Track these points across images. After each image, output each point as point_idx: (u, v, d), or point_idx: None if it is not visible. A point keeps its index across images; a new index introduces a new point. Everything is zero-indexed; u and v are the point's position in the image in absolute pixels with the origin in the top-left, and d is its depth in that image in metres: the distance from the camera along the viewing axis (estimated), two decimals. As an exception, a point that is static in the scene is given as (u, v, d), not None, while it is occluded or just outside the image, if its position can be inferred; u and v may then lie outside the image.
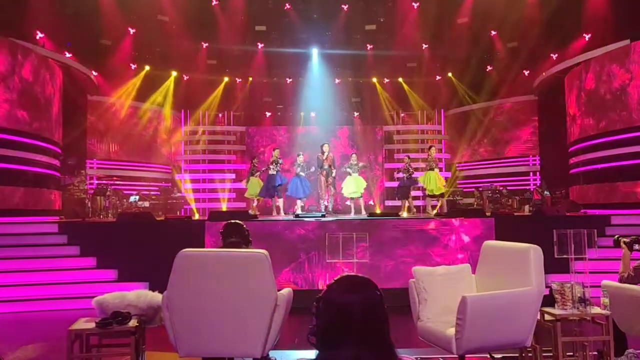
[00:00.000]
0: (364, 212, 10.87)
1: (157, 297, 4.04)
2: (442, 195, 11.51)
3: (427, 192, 11.41)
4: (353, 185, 11.04)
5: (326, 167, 10.99)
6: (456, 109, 17.07)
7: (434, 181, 11.10)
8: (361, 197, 11.14)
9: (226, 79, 16.49)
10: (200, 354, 3.69)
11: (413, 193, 11.90)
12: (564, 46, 13.11)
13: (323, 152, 11.09)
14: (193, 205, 15.10)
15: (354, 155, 11.62)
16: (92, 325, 3.79)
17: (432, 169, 11.15)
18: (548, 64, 13.86)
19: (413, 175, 11.55)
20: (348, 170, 11.21)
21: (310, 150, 13.08)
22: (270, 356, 4.09)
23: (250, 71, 16.05)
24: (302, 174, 11.09)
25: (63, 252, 8.19)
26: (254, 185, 11.44)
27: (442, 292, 4.11)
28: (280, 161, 11.08)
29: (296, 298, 4.11)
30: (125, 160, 14.90)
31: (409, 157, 12.28)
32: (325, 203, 11.18)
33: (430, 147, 11.84)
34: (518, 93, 15.56)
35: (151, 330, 4.17)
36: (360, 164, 11.41)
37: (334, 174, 11.21)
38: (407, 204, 11.44)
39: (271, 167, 10.89)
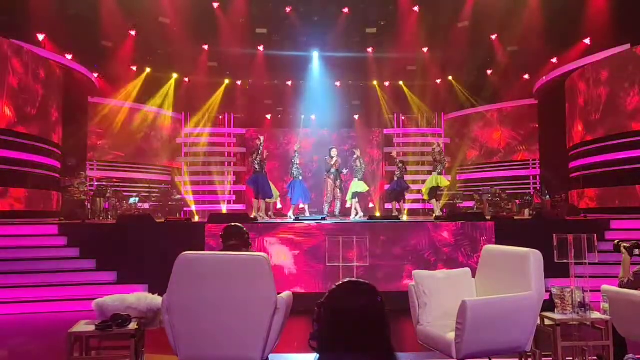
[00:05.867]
0: (353, 214, 10.85)
1: (157, 299, 4.04)
2: (437, 197, 11.54)
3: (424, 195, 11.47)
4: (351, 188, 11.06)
5: (334, 171, 10.98)
6: (456, 112, 17.09)
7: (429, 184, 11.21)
8: (356, 199, 11.09)
9: (227, 81, 16.51)
10: (200, 356, 3.68)
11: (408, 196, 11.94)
12: (565, 50, 13.13)
13: (332, 157, 11.04)
14: (193, 208, 15.08)
15: (354, 157, 11.60)
16: (92, 327, 3.79)
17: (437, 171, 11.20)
18: (548, 68, 13.87)
19: (404, 178, 11.66)
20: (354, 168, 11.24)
21: (310, 152, 12.97)
22: (270, 360, 4.09)
23: (251, 74, 16.06)
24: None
25: (63, 254, 8.17)
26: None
27: (442, 296, 4.10)
28: (266, 153, 10.61)
29: (296, 301, 4.11)
30: (126, 162, 14.90)
31: (398, 160, 12.33)
32: (330, 206, 11.15)
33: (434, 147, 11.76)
34: (518, 97, 15.57)
35: (151, 333, 4.17)
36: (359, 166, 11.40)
37: (341, 178, 11.18)
38: (399, 207, 11.46)
39: (257, 161, 10.29)
